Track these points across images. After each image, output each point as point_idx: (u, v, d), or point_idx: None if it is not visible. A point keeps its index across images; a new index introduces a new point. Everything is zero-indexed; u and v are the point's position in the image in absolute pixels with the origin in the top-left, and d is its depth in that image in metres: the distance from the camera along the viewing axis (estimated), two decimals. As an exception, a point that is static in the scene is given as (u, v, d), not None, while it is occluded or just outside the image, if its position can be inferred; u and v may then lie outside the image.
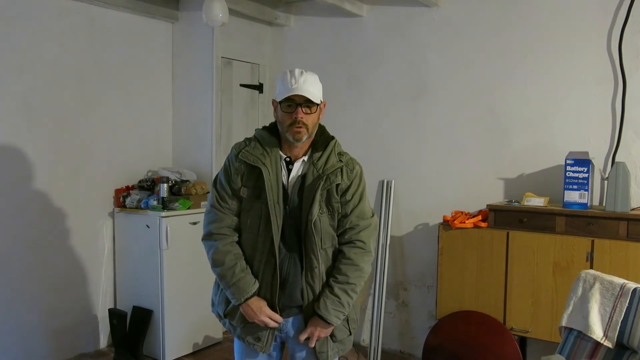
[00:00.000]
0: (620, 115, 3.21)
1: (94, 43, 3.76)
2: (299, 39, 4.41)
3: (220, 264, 1.99)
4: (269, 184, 1.94)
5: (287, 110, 1.94)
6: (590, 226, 2.99)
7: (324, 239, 1.99)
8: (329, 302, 1.97)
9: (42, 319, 3.57)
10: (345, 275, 2.00)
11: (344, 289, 1.99)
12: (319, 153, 2.01)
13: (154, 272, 3.70)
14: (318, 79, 1.99)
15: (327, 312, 1.96)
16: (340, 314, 1.99)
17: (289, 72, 1.96)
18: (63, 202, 3.64)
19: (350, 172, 2.03)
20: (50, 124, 3.56)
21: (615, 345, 2.05)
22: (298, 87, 1.91)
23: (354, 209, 2.03)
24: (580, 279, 2.22)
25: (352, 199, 2.02)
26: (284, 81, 1.95)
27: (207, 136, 4.09)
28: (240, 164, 2.00)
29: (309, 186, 1.97)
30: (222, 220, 2.02)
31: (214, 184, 2.08)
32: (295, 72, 1.95)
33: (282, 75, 1.98)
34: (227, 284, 1.99)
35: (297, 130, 1.93)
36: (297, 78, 1.93)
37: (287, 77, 1.95)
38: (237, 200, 2.02)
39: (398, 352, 4.04)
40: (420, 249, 3.89)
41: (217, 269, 2.01)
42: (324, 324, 1.98)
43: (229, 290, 1.99)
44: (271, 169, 1.96)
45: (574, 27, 3.33)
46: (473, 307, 3.31)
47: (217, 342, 4.10)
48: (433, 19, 3.80)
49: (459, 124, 3.73)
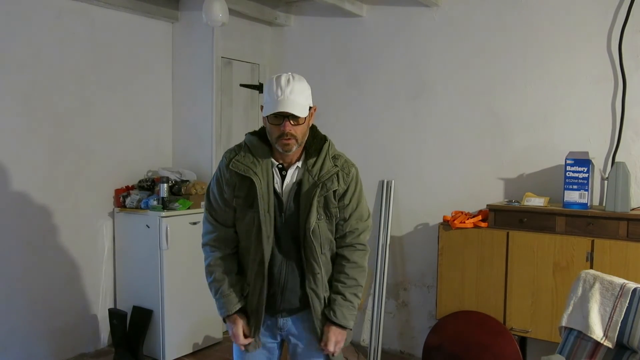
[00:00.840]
0: (620, 115, 3.21)
1: (94, 43, 3.76)
2: (299, 39, 4.41)
3: (211, 276, 2.06)
4: (261, 193, 1.92)
5: (274, 122, 1.88)
6: (590, 226, 2.99)
7: (323, 245, 1.99)
8: (345, 310, 2.00)
9: (42, 319, 3.57)
10: (354, 279, 2.03)
11: (354, 293, 2.03)
12: (313, 159, 1.97)
13: (154, 272, 3.70)
14: (306, 85, 1.91)
15: (345, 320, 2.00)
16: (354, 316, 2.04)
17: (275, 80, 1.87)
18: (63, 202, 3.64)
19: (347, 176, 2.00)
20: (50, 124, 3.56)
21: (615, 345, 2.05)
22: (284, 100, 1.83)
23: (353, 212, 2.02)
24: (580, 279, 2.22)
25: (350, 203, 2.01)
26: (270, 91, 1.87)
27: (207, 136, 4.09)
28: (231, 174, 1.98)
29: (305, 194, 1.94)
30: (216, 232, 2.05)
31: (207, 194, 2.08)
32: (281, 80, 1.86)
33: (268, 84, 1.89)
34: (214, 296, 2.07)
35: (285, 142, 1.88)
36: (283, 88, 1.84)
37: (273, 87, 1.86)
38: (231, 209, 2.02)
39: (398, 352, 4.04)
40: (420, 249, 3.89)
41: (208, 279, 2.07)
42: (342, 330, 2.02)
43: (215, 302, 2.07)
44: (262, 178, 1.93)
45: (574, 27, 3.33)
46: (473, 307, 3.31)
47: (217, 342, 4.11)
48: (433, 19, 3.80)
49: (459, 123, 3.73)
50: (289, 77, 1.87)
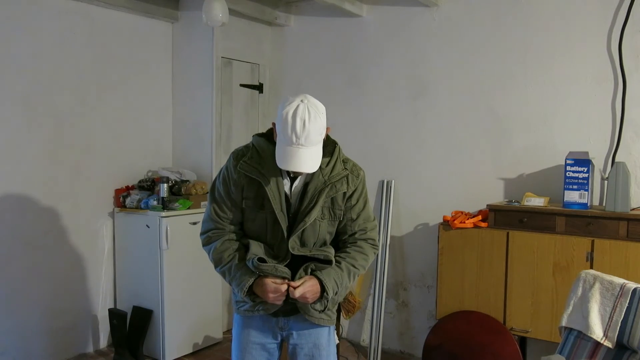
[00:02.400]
0: (620, 115, 3.21)
1: (93, 43, 3.76)
2: (299, 39, 4.41)
3: (219, 262, 2.01)
4: (272, 193, 1.93)
5: None
6: (590, 226, 2.99)
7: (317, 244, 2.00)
8: (332, 273, 1.96)
9: (42, 319, 3.57)
10: (353, 258, 2.02)
11: (348, 268, 2.00)
12: (326, 159, 1.98)
13: (154, 272, 3.70)
14: (321, 120, 1.84)
15: (328, 279, 1.94)
16: (336, 287, 1.96)
17: (291, 119, 1.79)
18: (63, 202, 3.64)
19: (356, 179, 2.03)
20: (50, 124, 3.56)
21: (615, 345, 2.05)
22: (298, 154, 1.81)
23: (361, 212, 2.04)
24: (580, 279, 2.22)
25: (357, 203, 2.03)
26: (284, 130, 1.81)
27: (207, 136, 4.09)
28: (239, 176, 1.97)
29: (313, 190, 1.96)
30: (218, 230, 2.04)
31: (212, 194, 2.05)
32: (297, 121, 1.78)
33: (284, 119, 1.80)
34: (228, 277, 2.01)
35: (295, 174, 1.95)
36: (298, 135, 1.78)
37: (288, 129, 1.79)
38: (238, 210, 2.01)
39: (398, 352, 4.04)
40: (420, 249, 3.89)
41: (218, 269, 2.03)
42: (317, 288, 1.94)
43: (233, 286, 2.02)
44: (271, 180, 1.94)
45: (574, 27, 3.33)
46: (473, 307, 3.32)
47: (217, 342, 4.11)
48: (433, 19, 3.80)
49: (459, 123, 3.73)
50: (304, 119, 1.79)
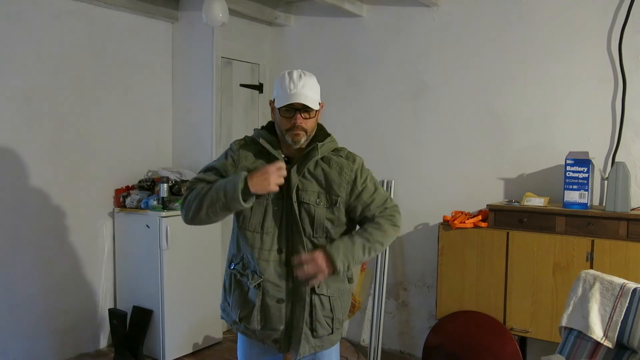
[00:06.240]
0: (620, 115, 3.21)
1: (93, 43, 3.76)
2: (299, 39, 4.41)
3: (200, 190, 1.92)
4: None
5: (286, 115, 1.92)
6: (590, 226, 2.99)
7: (317, 229, 1.96)
8: (341, 244, 1.91)
9: (42, 318, 3.57)
10: (368, 232, 1.95)
11: (362, 243, 1.93)
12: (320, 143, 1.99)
13: (154, 272, 3.69)
14: (316, 81, 1.97)
15: (337, 252, 1.88)
16: (347, 261, 1.89)
17: (288, 74, 1.92)
18: (63, 202, 3.64)
19: (352, 164, 2.01)
20: (50, 124, 3.56)
21: (615, 345, 2.05)
22: (297, 93, 1.88)
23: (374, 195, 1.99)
24: (580, 279, 2.22)
25: (365, 188, 1.99)
26: (282, 85, 1.92)
27: (207, 136, 4.09)
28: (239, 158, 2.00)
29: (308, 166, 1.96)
30: None
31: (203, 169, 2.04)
32: (293, 75, 1.91)
33: (280, 78, 1.94)
34: (215, 194, 1.88)
35: (296, 133, 1.92)
36: (295, 82, 1.89)
37: (286, 80, 1.91)
38: None
39: (398, 352, 4.04)
40: (420, 249, 3.89)
41: (195, 202, 1.91)
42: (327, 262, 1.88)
43: (223, 196, 1.85)
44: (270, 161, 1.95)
45: (574, 27, 3.33)
46: (473, 307, 3.31)
47: (217, 342, 4.10)
48: (433, 19, 3.80)
49: (459, 124, 3.73)
50: (300, 73, 1.93)
